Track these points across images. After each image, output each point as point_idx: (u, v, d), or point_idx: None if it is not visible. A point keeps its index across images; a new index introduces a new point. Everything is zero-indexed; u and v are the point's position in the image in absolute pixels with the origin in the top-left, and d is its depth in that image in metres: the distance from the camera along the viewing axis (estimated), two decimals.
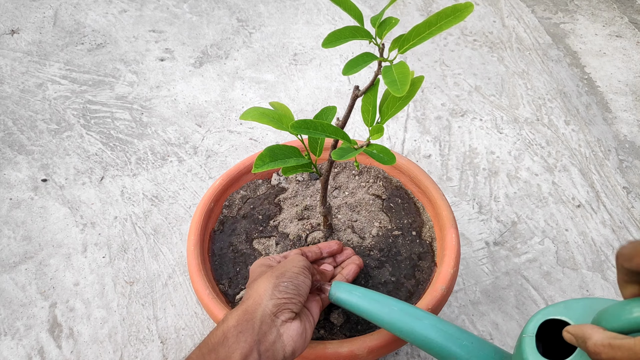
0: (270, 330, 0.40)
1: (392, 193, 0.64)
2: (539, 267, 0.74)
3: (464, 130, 0.97)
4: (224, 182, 0.63)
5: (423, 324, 0.43)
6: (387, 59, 0.41)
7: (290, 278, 0.43)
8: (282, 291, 0.42)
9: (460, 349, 0.41)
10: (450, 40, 1.20)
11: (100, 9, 1.30)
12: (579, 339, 0.32)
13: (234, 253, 0.59)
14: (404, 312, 0.44)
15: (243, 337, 0.38)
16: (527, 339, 0.37)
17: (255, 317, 0.40)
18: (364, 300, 0.45)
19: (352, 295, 0.45)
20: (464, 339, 0.42)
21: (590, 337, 0.31)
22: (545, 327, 0.37)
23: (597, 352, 0.30)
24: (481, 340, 0.43)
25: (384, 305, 0.44)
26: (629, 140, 0.95)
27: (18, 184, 0.87)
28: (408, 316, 0.43)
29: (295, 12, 1.30)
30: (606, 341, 0.30)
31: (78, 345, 0.66)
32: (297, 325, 0.41)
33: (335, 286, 0.46)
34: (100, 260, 0.76)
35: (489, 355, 0.41)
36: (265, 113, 0.48)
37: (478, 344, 0.42)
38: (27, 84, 1.08)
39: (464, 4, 0.38)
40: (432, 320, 0.43)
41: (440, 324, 0.43)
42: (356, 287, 0.46)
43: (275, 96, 1.05)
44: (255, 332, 0.39)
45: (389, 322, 0.43)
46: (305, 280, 0.44)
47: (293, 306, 0.42)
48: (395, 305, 0.44)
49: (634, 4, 1.32)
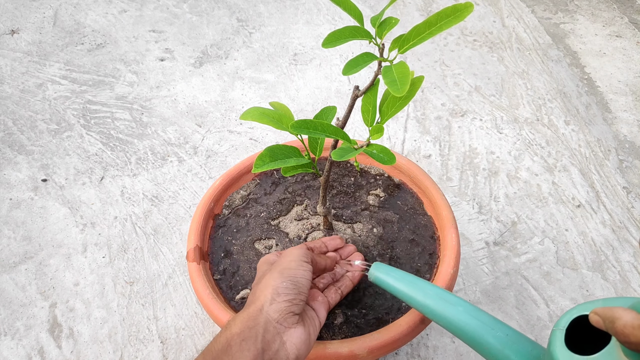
0: (274, 338, 0.39)
1: (392, 193, 0.64)
2: (539, 267, 0.74)
3: (464, 130, 0.97)
4: (224, 182, 0.63)
5: (457, 310, 0.42)
6: (387, 59, 0.41)
7: (289, 276, 0.42)
8: (282, 294, 0.41)
9: (494, 339, 0.40)
10: (450, 40, 1.20)
11: (100, 9, 1.30)
12: (607, 320, 0.30)
13: (234, 253, 0.59)
14: (439, 297, 0.44)
15: (246, 345, 0.38)
16: (557, 332, 0.35)
17: (259, 325, 0.39)
18: (400, 283, 0.46)
19: (389, 276, 0.47)
20: (499, 329, 0.41)
21: (620, 317, 0.29)
22: (581, 323, 0.36)
23: (626, 334, 0.28)
24: (517, 333, 0.41)
25: (420, 288, 0.45)
26: (629, 140, 0.95)
27: (18, 184, 0.87)
28: (442, 301, 0.44)
29: (295, 12, 1.30)
30: (637, 322, 0.28)
31: (78, 345, 0.66)
32: (301, 331, 0.41)
33: (375, 267, 0.48)
34: (100, 260, 0.76)
35: (525, 349, 0.40)
36: (265, 113, 0.48)
37: (514, 336, 0.40)
38: (27, 84, 1.08)
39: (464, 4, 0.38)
40: (466, 307, 0.43)
41: (475, 311, 0.42)
42: (394, 269, 0.48)
43: (275, 96, 1.05)
44: (259, 340, 0.39)
45: (423, 304, 0.44)
46: (304, 274, 0.43)
47: (295, 307, 0.41)
48: (431, 289, 0.45)
49: (634, 4, 1.32)
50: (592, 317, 0.32)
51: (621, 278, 0.73)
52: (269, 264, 0.47)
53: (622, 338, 0.29)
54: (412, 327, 0.48)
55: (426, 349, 0.65)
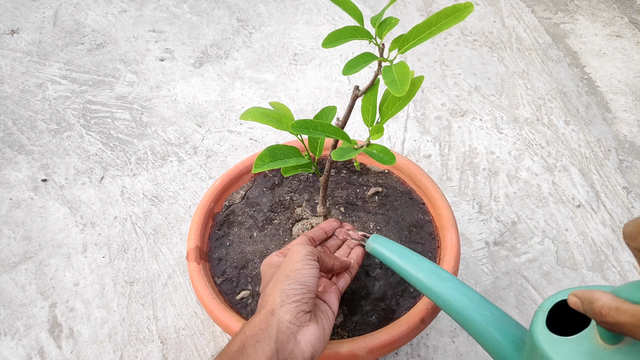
0: (288, 339, 0.40)
1: (392, 193, 0.64)
2: (538, 267, 0.74)
3: (464, 130, 0.97)
4: (224, 182, 0.63)
5: (447, 285, 0.44)
6: (387, 59, 0.41)
7: (295, 277, 0.42)
8: (290, 295, 0.41)
9: (480, 316, 0.41)
10: (450, 40, 1.20)
11: (100, 9, 1.30)
12: (585, 301, 0.30)
13: (234, 253, 0.59)
14: (431, 271, 0.45)
15: (261, 346, 0.39)
16: (539, 313, 0.36)
17: (271, 326, 0.40)
18: (395, 255, 0.47)
19: (385, 248, 0.48)
20: (485, 308, 0.42)
21: (599, 299, 0.29)
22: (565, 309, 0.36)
23: (602, 314, 0.29)
24: (503, 313, 0.42)
25: (413, 262, 0.46)
26: (629, 140, 0.95)
27: (18, 184, 0.87)
28: (434, 276, 0.45)
29: (295, 12, 1.30)
30: (614, 304, 0.28)
31: (78, 345, 0.66)
32: (314, 329, 0.41)
33: (372, 238, 0.50)
34: (100, 260, 0.76)
35: (509, 329, 0.41)
36: (265, 113, 0.48)
37: (500, 316, 0.42)
38: (27, 84, 1.08)
39: (464, 4, 0.38)
40: (456, 284, 0.44)
41: (464, 289, 0.44)
42: (391, 242, 0.49)
43: (275, 96, 1.05)
44: (273, 341, 0.39)
45: (416, 277, 0.45)
46: (311, 272, 0.43)
47: (305, 306, 0.41)
48: (424, 263, 0.46)
49: (634, 4, 1.32)
50: (570, 299, 0.32)
51: (621, 278, 0.73)
52: (273, 267, 0.47)
53: (598, 318, 0.29)
54: (412, 327, 0.48)
55: (426, 349, 0.65)
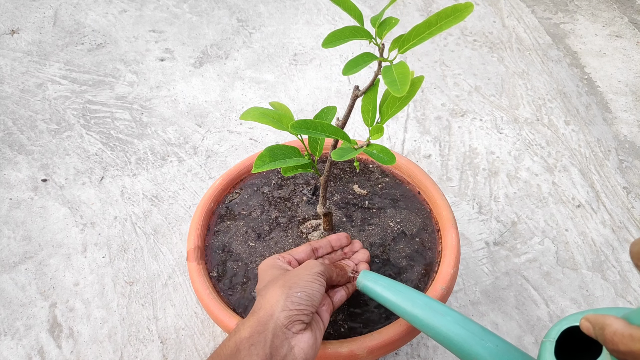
0: (282, 344, 0.40)
1: (392, 193, 0.64)
2: (538, 267, 0.74)
3: (463, 131, 0.97)
4: (224, 182, 0.63)
5: (446, 320, 0.42)
6: (387, 59, 0.41)
7: (304, 287, 0.42)
8: (295, 302, 0.41)
9: (484, 350, 0.39)
10: (450, 41, 1.20)
11: (100, 9, 1.30)
12: (597, 326, 0.30)
13: (234, 253, 0.59)
14: (427, 306, 0.43)
15: (255, 350, 0.38)
16: (546, 344, 0.35)
17: (268, 330, 0.40)
18: (388, 291, 0.45)
19: (377, 284, 0.46)
20: (489, 340, 0.40)
21: (611, 325, 0.29)
22: (571, 335, 0.35)
23: (614, 342, 0.28)
24: (507, 343, 0.40)
25: (408, 297, 0.44)
26: (629, 141, 0.95)
27: (18, 184, 0.87)
28: (431, 310, 0.42)
29: (295, 12, 1.30)
30: (627, 331, 0.27)
31: (78, 345, 0.66)
32: (309, 336, 0.41)
33: (362, 275, 0.47)
34: (100, 260, 0.76)
35: None
36: (265, 113, 0.48)
37: (503, 347, 0.40)
38: (27, 84, 1.08)
39: (464, 4, 0.38)
40: (455, 317, 0.42)
41: (464, 321, 0.41)
42: (382, 277, 0.47)
43: (275, 96, 1.05)
44: (268, 345, 0.39)
45: (412, 314, 0.43)
46: (319, 288, 0.43)
47: (305, 317, 0.41)
48: (419, 298, 0.44)
49: (634, 4, 1.32)
50: (582, 324, 0.32)
51: (621, 278, 0.73)
52: (276, 270, 0.46)
53: (610, 346, 0.28)
54: (412, 327, 0.48)
55: (426, 349, 0.65)
